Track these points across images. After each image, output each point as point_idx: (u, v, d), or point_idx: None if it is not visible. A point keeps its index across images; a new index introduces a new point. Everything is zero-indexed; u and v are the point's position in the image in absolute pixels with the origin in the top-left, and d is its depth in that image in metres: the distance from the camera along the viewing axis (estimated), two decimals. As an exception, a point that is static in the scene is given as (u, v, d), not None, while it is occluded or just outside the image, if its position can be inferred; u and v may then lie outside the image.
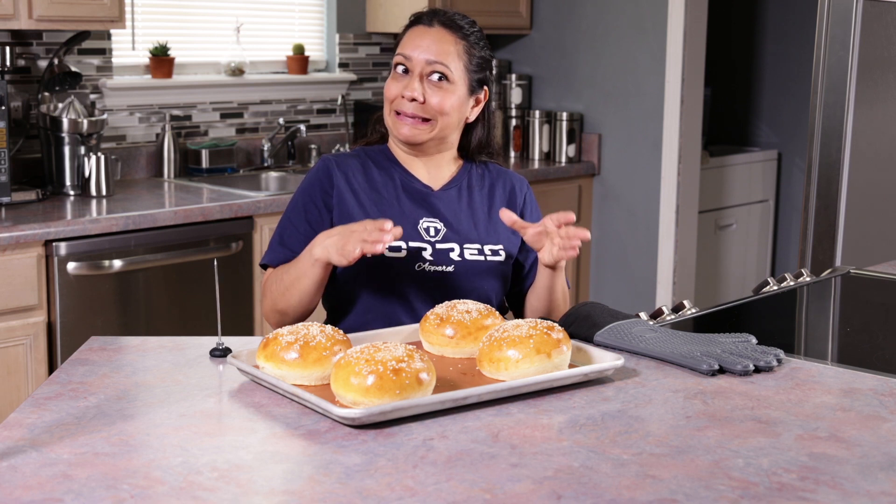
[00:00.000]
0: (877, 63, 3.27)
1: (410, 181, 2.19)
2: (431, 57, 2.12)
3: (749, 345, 1.79)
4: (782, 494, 1.26)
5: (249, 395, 1.60)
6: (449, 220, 2.16)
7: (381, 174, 2.19)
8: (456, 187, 2.21)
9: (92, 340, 1.87)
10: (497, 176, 2.28)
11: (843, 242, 3.33)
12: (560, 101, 4.97)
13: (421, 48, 2.12)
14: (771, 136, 5.73)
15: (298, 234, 2.14)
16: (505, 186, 2.27)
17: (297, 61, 4.53)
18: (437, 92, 2.12)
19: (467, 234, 2.16)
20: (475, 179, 2.24)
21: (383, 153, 2.23)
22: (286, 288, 2.07)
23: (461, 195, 2.21)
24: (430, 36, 2.13)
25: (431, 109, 2.12)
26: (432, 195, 2.19)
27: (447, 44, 2.13)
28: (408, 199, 2.16)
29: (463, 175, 2.24)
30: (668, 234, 4.68)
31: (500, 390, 1.56)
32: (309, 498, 1.24)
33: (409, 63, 2.12)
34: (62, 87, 3.75)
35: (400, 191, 2.17)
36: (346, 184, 2.16)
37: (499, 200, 2.24)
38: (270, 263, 2.15)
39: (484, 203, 2.22)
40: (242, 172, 4.29)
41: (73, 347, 3.14)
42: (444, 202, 2.18)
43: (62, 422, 1.46)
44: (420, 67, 2.12)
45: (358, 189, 2.16)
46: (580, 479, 1.29)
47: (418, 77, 2.12)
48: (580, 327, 1.89)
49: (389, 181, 2.18)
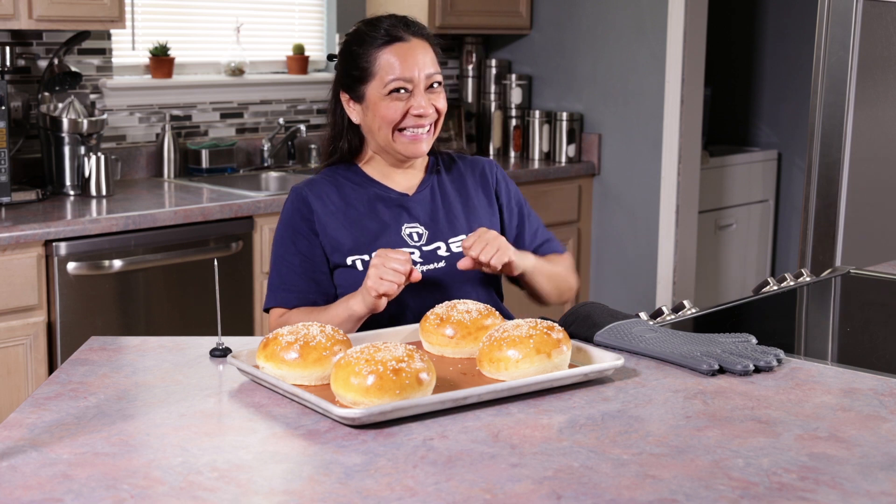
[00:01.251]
0: (877, 63, 3.27)
1: (385, 192, 2.20)
2: (428, 70, 2.14)
3: (749, 345, 1.79)
4: (782, 494, 1.26)
5: (249, 395, 1.60)
6: (427, 222, 2.19)
7: (355, 191, 2.19)
8: (428, 188, 2.23)
9: (92, 340, 1.87)
10: (464, 164, 2.30)
11: (843, 242, 3.33)
12: (560, 101, 4.97)
13: (417, 66, 2.12)
14: (771, 136, 5.73)
15: (295, 269, 2.14)
16: (474, 172, 2.29)
17: (297, 61, 4.53)
18: (434, 96, 2.15)
19: (448, 228, 2.19)
20: (444, 173, 2.27)
21: (352, 171, 2.23)
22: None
23: (434, 194, 2.23)
24: (415, 50, 2.14)
25: (436, 113, 2.16)
26: (408, 200, 2.20)
27: (429, 53, 2.16)
28: (386, 209, 2.18)
29: (431, 174, 2.26)
30: (668, 234, 4.68)
31: (500, 390, 1.56)
32: (309, 498, 1.24)
33: (409, 84, 2.12)
34: (62, 87, 3.75)
35: (376, 203, 2.18)
36: (324, 207, 2.16)
37: (472, 188, 2.27)
38: (281, 305, 2.15)
39: (457, 195, 2.25)
40: (242, 172, 4.29)
41: (73, 347, 3.14)
42: (421, 205, 2.20)
43: (62, 422, 1.46)
44: (422, 82, 2.13)
45: (336, 210, 2.16)
46: (580, 479, 1.29)
47: (423, 91, 2.13)
48: (580, 327, 1.89)
49: (364, 196, 2.19)
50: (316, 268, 2.15)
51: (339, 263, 2.14)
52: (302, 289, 2.13)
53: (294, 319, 2.10)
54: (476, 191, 2.26)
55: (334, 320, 2.04)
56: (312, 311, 2.10)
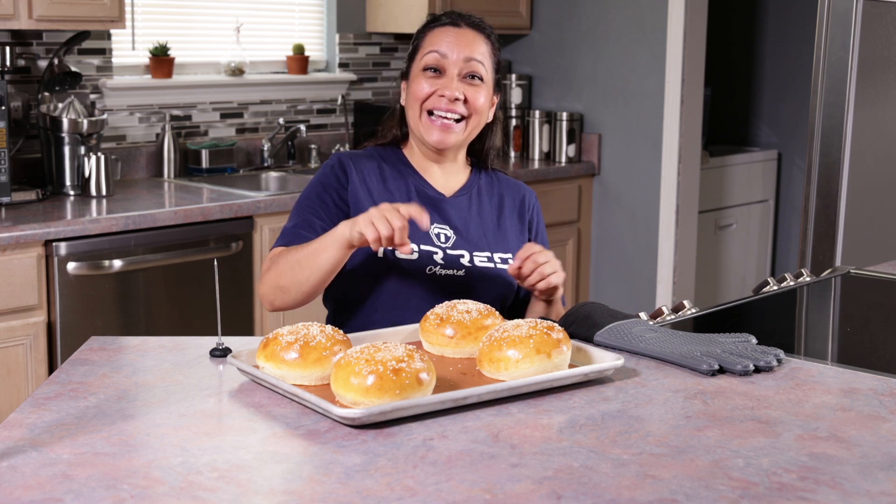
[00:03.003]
0: (877, 63, 3.26)
1: (423, 187, 2.18)
2: (469, 54, 2.11)
3: (749, 345, 1.79)
4: (782, 494, 1.26)
5: (249, 395, 1.60)
6: (458, 228, 2.16)
7: (395, 177, 2.17)
8: (467, 195, 2.21)
9: (92, 340, 1.87)
10: (506, 186, 2.27)
11: (843, 242, 3.33)
12: (560, 101, 4.97)
13: (456, 46, 2.11)
14: (771, 136, 5.73)
15: (312, 223, 2.10)
16: (515, 197, 2.26)
17: (297, 61, 4.53)
18: (470, 89, 2.12)
19: (477, 241, 2.16)
20: (484, 187, 2.24)
21: (397, 156, 2.21)
22: (297, 262, 1.99)
23: (471, 203, 2.20)
24: (461, 35, 2.13)
25: (469, 107, 2.12)
26: (444, 202, 2.18)
27: (479, 43, 2.14)
28: (420, 204, 2.15)
29: (473, 182, 2.23)
30: (668, 234, 4.68)
31: (500, 390, 1.56)
32: (309, 498, 1.24)
33: (444, 61, 2.10)
34: (62, 87, 3.75)
35: (413, 195, 2.16)
36: (362, 182, 2.13)
37: (508, 210, 2.23)
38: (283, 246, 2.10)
39: (493, 212, 2.22)
40: (242, 172, 4.29)
41: (73, 347, 3.14)
42: (455, 209, 2.17)
43: (62, 422, 1.46)
44: (458, 66, 2.10)
45: (372, 189, 2.14)
46: (580, 479, 1.29)
47: (456, 75, 2.11)
48: (580, 327, 1.89)
49: (403, 185, 2.16)
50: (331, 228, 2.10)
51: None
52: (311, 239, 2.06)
53: (284, 253, 2.03)
54: (512, 215, 2.23)
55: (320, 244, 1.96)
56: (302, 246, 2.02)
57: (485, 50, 2.14)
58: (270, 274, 2.06)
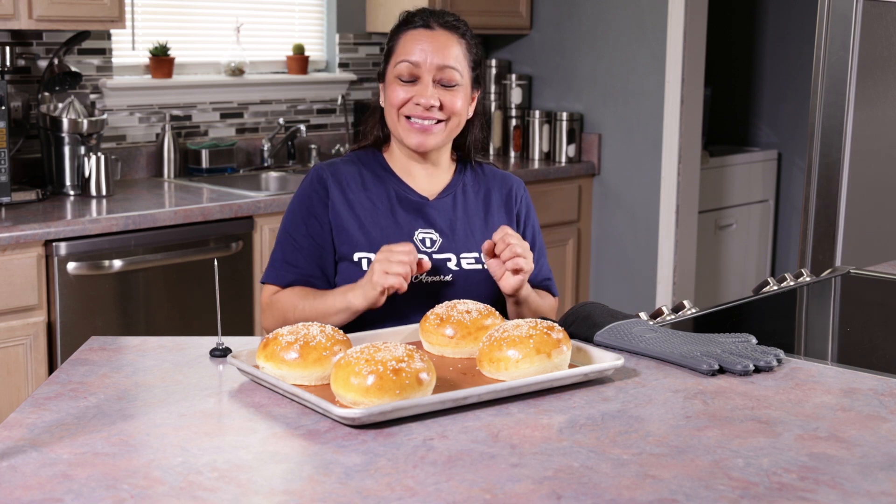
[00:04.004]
0: (877, 63, 3.26)
1: (405, 192, 2.16)
2: (442, 62, 2.08)
3: (749, 345, 1.79)
4: (782, 494, 1.26)
5: (249, 395, 1.60)
6: (444, 230, 2.14)
7: (376, 184, 2.16)
8: (451, 195, 2.19)
9: (92, 340, 1.87)
10: (493, 179, 2.25)
11: (843, 242, 3.33)
12: (560, 101, 4.97)
13: (429, 52, 2.08)
14: (771, 136, 5.73)
15: (301, 249, 2.11)
16: (502, 190, 2.24)
17: (297, 61, 4.53)
18: (447, 94, 2.10)
19: (464, 242, 2.14)
20: (469, 184, 2.22)
21: (377, 161, 2.19)
22: (306, 319, 2.02)
23: (456, 202, 2.18)
24: (434, 39, 2.10)
25: (446, 111, 2.10)
26: (427, 205, 2.16)
27: (452, 46, 2.10)
28: (402, 210, 2.14)
29: (458, 181, 2.21)
30: (668, 234, 4.68)
31: (500, 390, 1.56)
32: (309, 498, 1.24)
33: (417, 70, 2.08)
34: (62, 87, 3.75)
35: (394, 202, 2.14)
36: (341, 194, 2.13)
37: (496, 205, 2.21)
38: (276, 283, 2.12)
39: (480, 209, 2.20)
40: (242, 172, 4.29)
41: (73, 347, 3.14)
42: (440, 211, 2.16)
43: (62, 422, 1.46)
44: (432, 73, 2.08)
45: (353, 199, 2.13)
46: (580, 479, 1.29)
47: (431, 82, 2.09)
48: (580, 327, 1.89)
49: (384, 192, 2.15)
50: (323, 253, 2.11)
51: (346, 257, 2.10)
52: (304, 271, 2.10)
53: (285, 299, 2.07)
54: (499, 209, 2.21)
55: (329, 310, 2.01)
56: (307, 294, 2.06)
57: (458, 52, 2.11)
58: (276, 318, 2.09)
